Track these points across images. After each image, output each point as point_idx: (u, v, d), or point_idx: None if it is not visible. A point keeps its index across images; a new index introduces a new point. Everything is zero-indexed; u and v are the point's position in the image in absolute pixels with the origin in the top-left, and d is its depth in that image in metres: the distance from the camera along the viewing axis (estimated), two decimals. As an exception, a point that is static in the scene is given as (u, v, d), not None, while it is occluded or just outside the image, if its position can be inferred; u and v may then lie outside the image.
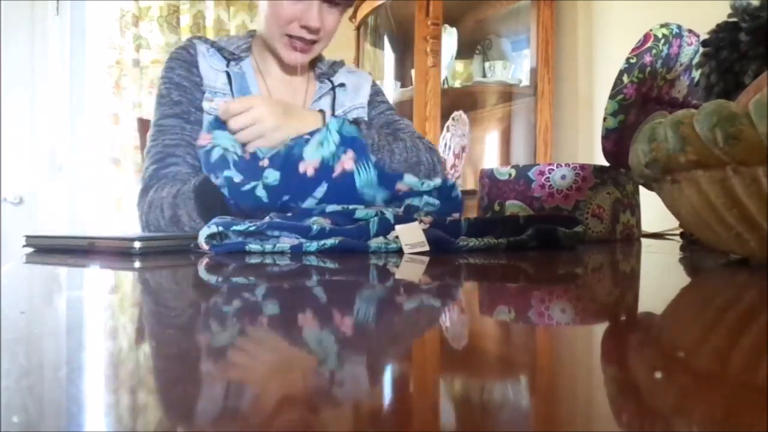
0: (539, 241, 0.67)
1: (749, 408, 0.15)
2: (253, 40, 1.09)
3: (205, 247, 0.60)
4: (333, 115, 1.06)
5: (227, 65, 1.03)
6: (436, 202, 0.79)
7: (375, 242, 0.63)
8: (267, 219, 0.64)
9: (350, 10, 2.23)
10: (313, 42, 1.00)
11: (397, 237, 0.62)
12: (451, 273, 0.47)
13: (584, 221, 0.87)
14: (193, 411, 0.15)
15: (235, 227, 0.61)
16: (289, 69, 1.07)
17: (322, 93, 1.10)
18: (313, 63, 1.11)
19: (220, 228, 0.61)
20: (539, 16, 1.86)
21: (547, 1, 1.86)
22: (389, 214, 0.67)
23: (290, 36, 0.98)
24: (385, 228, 0.65)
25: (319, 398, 0.16)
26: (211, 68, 1.03)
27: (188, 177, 0.92)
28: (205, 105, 1.00)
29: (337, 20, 1.01)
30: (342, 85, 1.13)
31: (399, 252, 0.62)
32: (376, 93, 1.20)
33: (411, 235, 0.62)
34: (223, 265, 0.51)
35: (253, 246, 0.60)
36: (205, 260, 0.55)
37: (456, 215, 0.80)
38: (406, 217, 0.67)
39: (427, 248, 0.61)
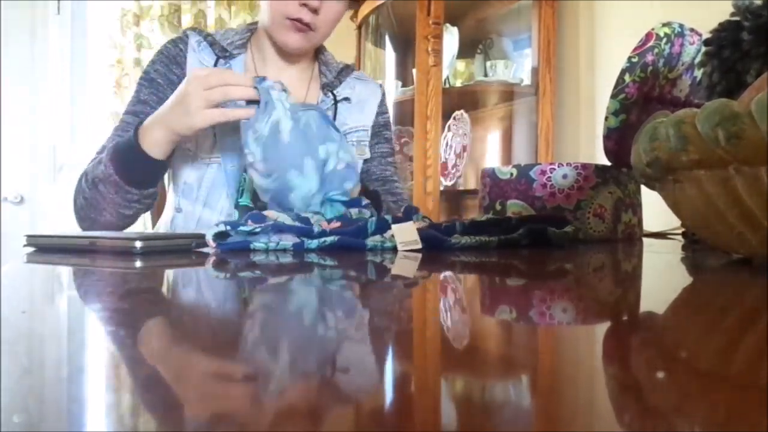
0: (530, 239, 0.69)
1: (751, 408, 0.15)
2: (252, 37, 1.03)
3: (212, 244, 0.61)
4: None
5: (216, 62, 0.98)
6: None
7: (372, 240, 0.65)
8: (271, 221, 0.65)
9: (350, 10, 2.24)
10: (312, 28, 0.94)
11: (392, 235, 0.65)
12: (442, 269, 0.47)
13: (585, 221, 0.87)
14: (195, 410, 0.15)
15: (241, 228, 0.62)
16: (290, 60, 1.01)
17: (324, 108, 1.03)
18: (320, 69, 1.05)
19: (227, 228, 0.62)
20: (541, 15, 1.86)
21: (548, 0, 1.86)
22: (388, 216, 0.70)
23: (290, 19, 0.92)
24: (383, 227, 0.67)
25: (318, 398, 0.16)
26: (199, 63, 0.98)
27: None
28: None
29: (338, 10, 0.96)
30: (346, 99, 1.06)
31: (394, 249, 0.64)
32: (385, 124, 1.13)
33: (405, 234, 0.64)
34: (227, 264, 0.51)
35: (258, 244, 0.62)
36: (211, 258, 0.55)
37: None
38: (405, 219, 0.70)
39: (419, 246, 0.63)
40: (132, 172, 0.84)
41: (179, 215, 0.98)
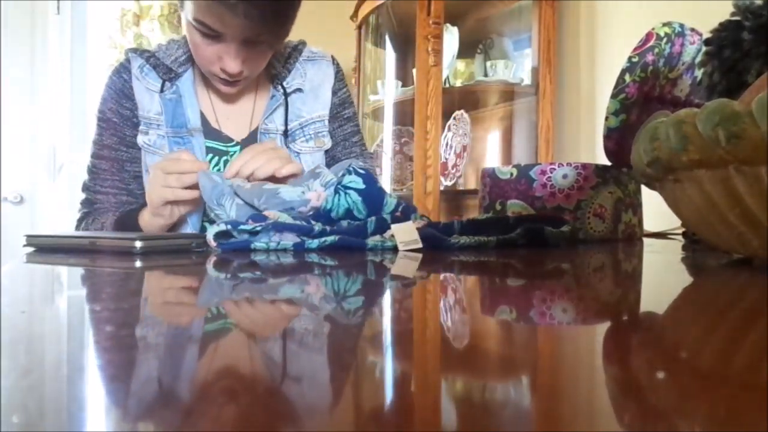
0: (527, 239, 0.70)
1: (751, 408, 0.15)
2: None
3: (213, 244, 0.61)
4: (286, 129, 0.98)
5: (162, 87, 0.95)
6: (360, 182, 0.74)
7: (372, 240, 0.66)
8: (272, 221, 0.65)
9: (350, 10, 2.24)
10: (240, 78, 0.91)
11: (392, 235, 0.65)
12: (441, 269, 0.47)
13: (585, 221, 0.87)
14: (196, 410, 0.15)
15: (242, 227, 0.63)
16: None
17: (273, 107, 0.99)
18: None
19: (228, 227, 0.62)
20: (541, 15, 1.86)
21: (548, 0, 1.86)
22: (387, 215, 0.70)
23: (214, 74, 0.90)
24: (382, 227, 0.68)
25: (318, 397, 0.16)
26: (146, 91, 0.96)
27: (115, 208, 0.97)
28: (140, 139, 0.95)
29: (264, 57, 0.91)
30: (298, 90, 1.01)
31: (394, 249, 0.64)
32: (341, 103, 1.06)
33: (405, 234, 0.64)
34: (227, 263, 0.51)
35: (258, 243, 0.62)
36: (212, 258, 0.55)
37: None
38: (403, 219, 0.71)
39: (420, 245, 0.63)
40: None
41: None
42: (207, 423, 0.14)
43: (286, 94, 1.00)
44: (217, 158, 0.97)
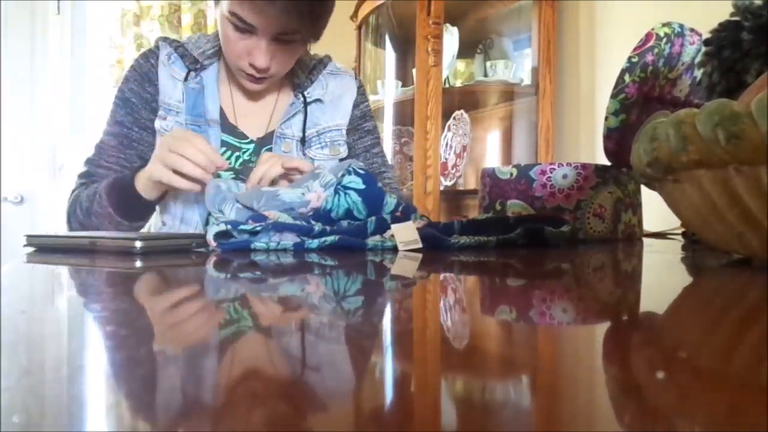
0: (527, 239, 0.70)
1: (751, 408, 0.15)
2: None
3: (213, 244, 0.62)
4: (303, 137, 1.00)
5: (186, 77, 0.98)
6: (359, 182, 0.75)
7: (372, 240, 0.66)
8: (272, 221, 0.65)
9: (350, 10, 2.24)
10: (267, 76, 0.94)
11: (392, 235, 0.65)
12: (441, 269, 0.47)
13: (585, 221, 0.87)
14: (192, 410, 0.15)
15: (242, 227, 0.63)
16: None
17: (292, 112, 1.01)
18: (292, 68, 1.02)
19: (228, 227, 0.62)
20: (541, 15, 1.86)
21: (548, 0, 1.86)
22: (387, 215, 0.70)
23: (241, 69, 0.93)
24: (382, 227, 0.68)
25: (318, 397, 0.16)
26: (170, 78, 0.97)
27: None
28: (158, 123, 0.96)
29: (292, 56, 0.94)
30: (318, 100, 1.03)
31: (394, 249, 0.64)
32: (362, 116, 1.09)
33: (405, 234, 0.65)
34: (227, 264, 0.51)
35: (258, 243, 0.62)
36: (212, 258, 0.55)
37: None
38: (403, 219, 0.71)
39: (420, 245, 0.63)
40: (125, 208, 0.89)
41: (164, 229, 1.00)
42: (208, 423, 0.14)
43: (306, 103, 1.03)
44: (230, 152, 0.99)
